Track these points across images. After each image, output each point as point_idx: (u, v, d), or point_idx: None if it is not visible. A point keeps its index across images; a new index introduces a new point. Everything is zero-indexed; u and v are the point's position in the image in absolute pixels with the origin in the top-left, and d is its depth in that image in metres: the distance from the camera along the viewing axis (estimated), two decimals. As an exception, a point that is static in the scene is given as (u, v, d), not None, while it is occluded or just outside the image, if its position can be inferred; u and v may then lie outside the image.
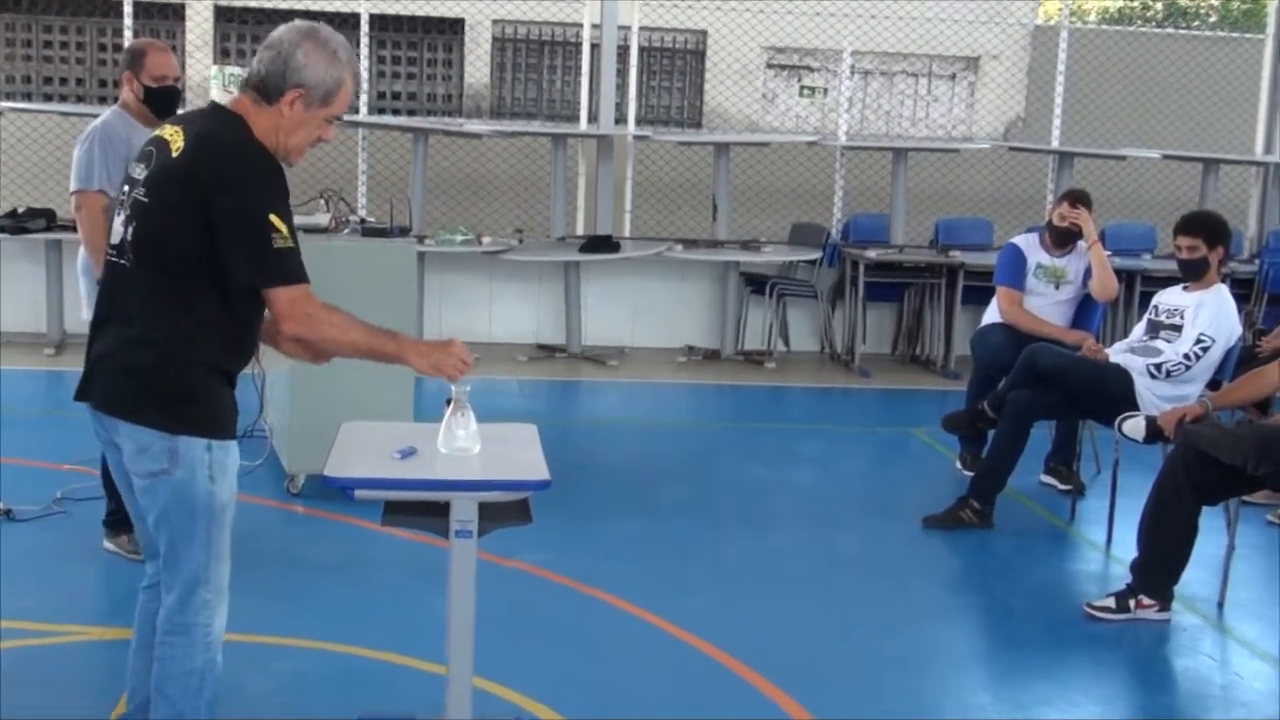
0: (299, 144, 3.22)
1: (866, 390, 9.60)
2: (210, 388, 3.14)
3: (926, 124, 16.37)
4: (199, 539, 3.16)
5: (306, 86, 3.15)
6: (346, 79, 3.19)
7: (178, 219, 3.06)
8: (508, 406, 8.32)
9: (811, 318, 10.75)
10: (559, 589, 5.16)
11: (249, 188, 3.05)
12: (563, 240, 10.46)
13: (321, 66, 3.16)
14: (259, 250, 3.04)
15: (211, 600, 3.22)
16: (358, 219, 6.56)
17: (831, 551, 5.83)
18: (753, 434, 8.16)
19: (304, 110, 3.17)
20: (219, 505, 3.17)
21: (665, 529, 6.01)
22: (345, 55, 3.21)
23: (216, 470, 3.14)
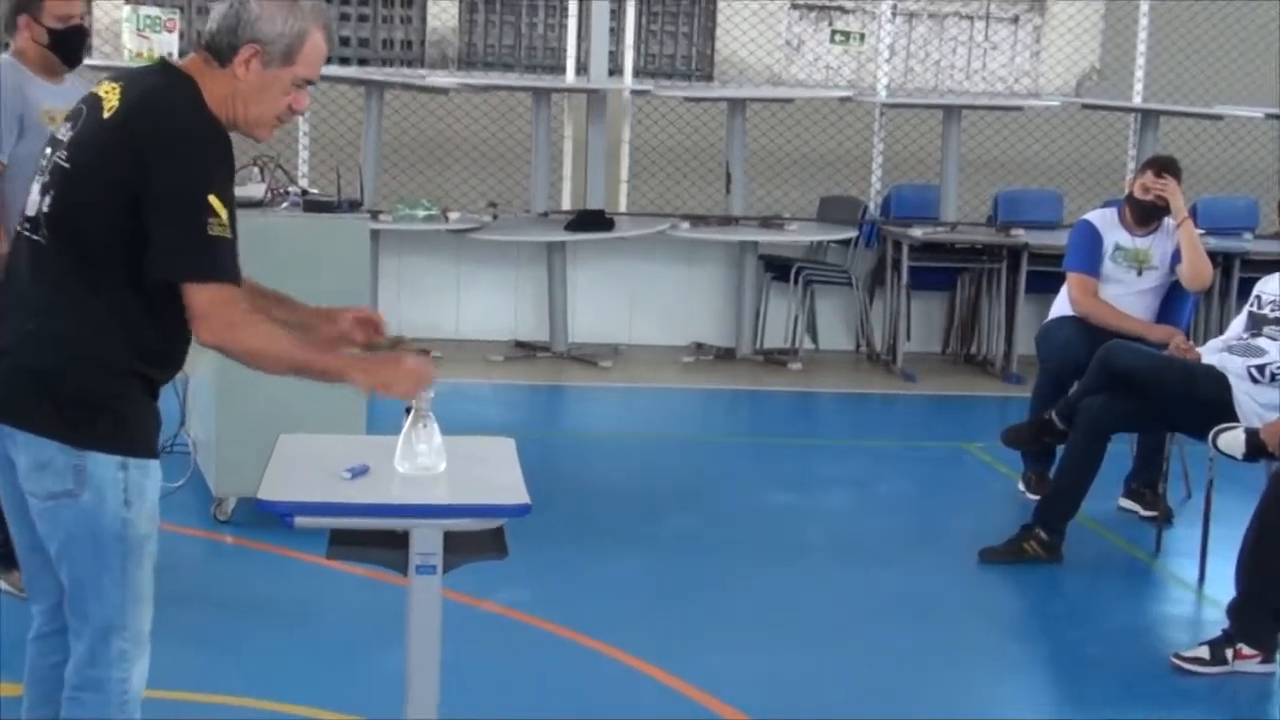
0: (263, 115, 3.22)
1: (911, 397, 9.60)
2: (127, 395, 3.13)
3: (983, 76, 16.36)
4: (112, 577, 3.16)
5: (262, 41, 3.15)
6: (312, 30, 3.19)
7: (102, 191, 3.07)
8: (479, 416, 8.31)
9: (845, 309, 10.74)
10: (541, 636, 5.16)
11: (189, 159, 3.06)
12: (545, 216, 10.45)
13: (279, 17, 3.16)
14: (189, 234, 3.04)
15: (129, 650, 3.23)
16: (298, 190, 6.56)
17: (869, 592, 5.83)
18: (774, 450, 8.16)
19: (262, 70, 3.17)
20: (136, 536, 3.17)
21: (669, 565, 6.01)
22: (310, 4, 3.20)
23: (133, 494, 3.14)
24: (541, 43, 16.16)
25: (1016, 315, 10.00)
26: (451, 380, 9.11)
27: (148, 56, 9.55)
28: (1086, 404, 6.21)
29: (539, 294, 10.45)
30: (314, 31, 3.20)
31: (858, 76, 12.91)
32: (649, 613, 5.46)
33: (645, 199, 11.31)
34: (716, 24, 14.70)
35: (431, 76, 11.20)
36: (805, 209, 11.26)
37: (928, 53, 15.47)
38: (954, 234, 10.36)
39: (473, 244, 10.21)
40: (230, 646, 4.91)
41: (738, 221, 10.56)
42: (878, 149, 11.17)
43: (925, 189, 11.07)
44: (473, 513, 3.38)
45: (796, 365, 10.11)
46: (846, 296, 10.61)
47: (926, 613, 5.63)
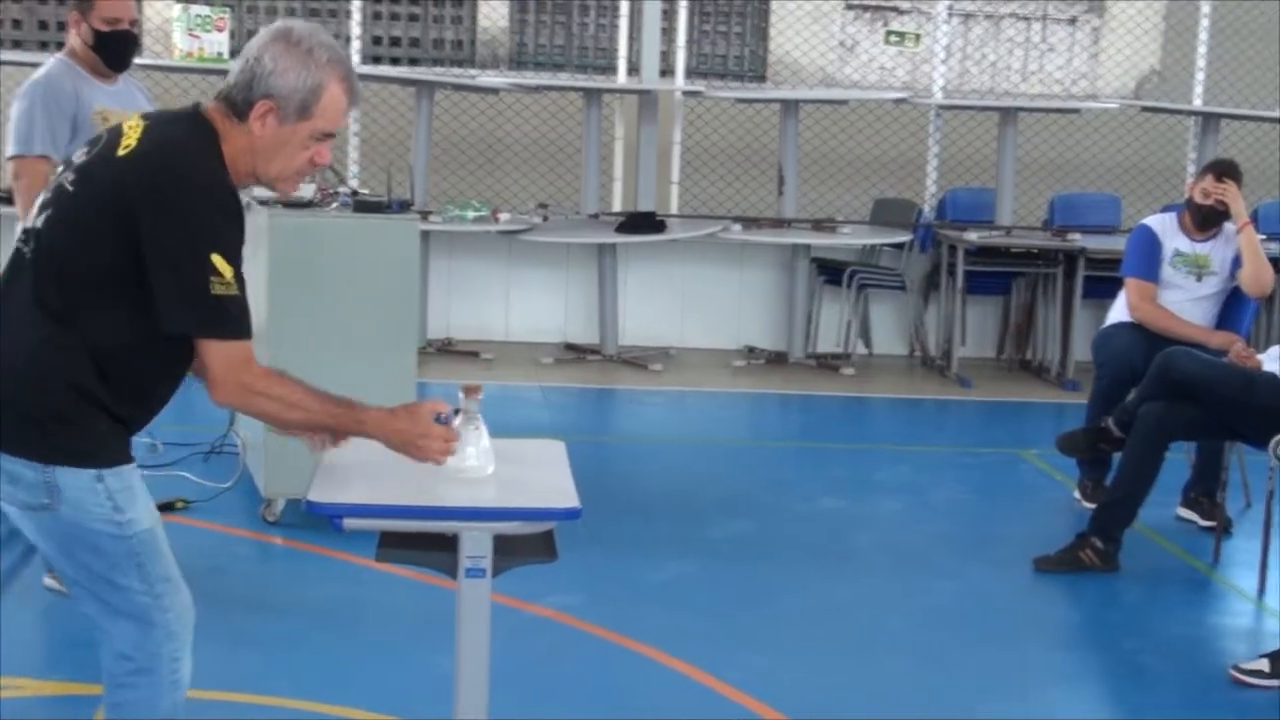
0: (283, 170, 3.22)
1: (965, 403, 9.57)
2: (85, 412, 3.10)
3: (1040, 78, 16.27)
4: (124, 571, 3.17)
5: (276, 97, 3.14)
6: (329, 83, 3.17)
7: (97, 224, 3.06)
8: (529, 419, 8.33)
9: (898, 314, 10.72)
10: (590, 640, 5.16)
11: (192, 217, 3.04)
12: (596, 218, 10.47)
13: (294, 71, 3.14)
14: (191, 292, 3.03)
15: (176, 629, 3.24)
16: (348, 191, 6.58)
17: (922, 601, 5.81)
18: (826, 455, 8.14)
19: (279, 126, 3.16)
20: (141, 533, 3.16)
21: (719, 570, 6.01)
22: (326, 55, 3.18)
23: (121, 499, 3.13)
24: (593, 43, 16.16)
25: (1073, 321, 9.97)
26: (501, 382, 9.14)
27: (199, 56, 9.63)
28: (1144, 411, 6.17)
29: (589, 296, 10.46)
30: (331, 84, 3.17)
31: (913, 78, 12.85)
32: (699, 618, 5.45)
33: (696, 200, 11.30)
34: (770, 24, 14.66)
35: (482, 76, 11.22)
36: (859, 212, 11.24)
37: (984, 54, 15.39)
38: (1009, 238, 10.33)
39: (523, 245, 10.23)
40: (278, 648, 4.93)
41: (790, 224, 10.55)
42: (933, 151, 11.14)
43: (980, 192, 11.03)
44: (522, 516, 3.37)
45: (849, 370, 10.09)
46: (900, 301, 10.58)
47: (980, 621, 5.60)
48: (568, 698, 4.67)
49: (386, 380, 6.03)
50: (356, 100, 3.26)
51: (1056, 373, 10.05)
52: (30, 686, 4.55)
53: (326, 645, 4.98)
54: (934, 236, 10.44)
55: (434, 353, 9.92)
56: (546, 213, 10.51)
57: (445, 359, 9.90)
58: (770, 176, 11.01)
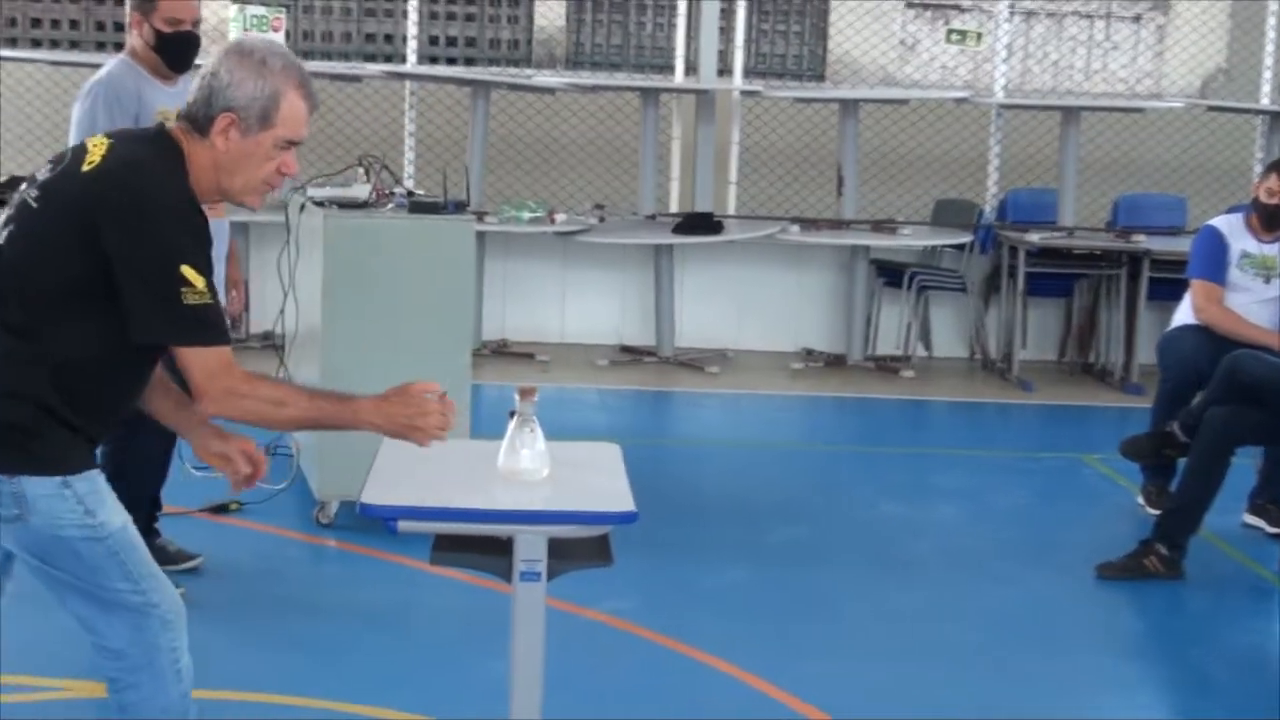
0: (249, 182, 3.25)
1: (1027, 407, 9.52)
2: (46, 424, 3.12)
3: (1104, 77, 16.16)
4: (111, 575, 3.20)
5: (236, 108, 3.18)
6: (286, 90, 3.21)
7: (60, 240, 3.10)
8: (584, 421, 8.34)
9: (959, 316, 10.67)
10: (646, 646, 5.16)
11: (156, 233, 3.07)
12: (653, 219, 10.46)
13: (250, 81, 3.19)
14: (164, 303, 3.07)
15: (171, 618, 3.26)
16: (404, 191, 6.60)
17: (982, 608, 5.78)
18: (885, 460, 8.11)
19: (242, 138, 3.20)
20: (114, 532, 3.19)
21: (775, 576, 5.99)
22: (280, 63, 3.22)
23: (91, 502, 3.16)
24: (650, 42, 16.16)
25: (1137, 323, 9.90)
26: (556, 384, 9.15)
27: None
28: (1210, 415, 6.11)
29: (645, 298, 10.46)
30: (288, 91, 3.21)
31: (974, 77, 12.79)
32: (754, 624, 5.44)
33: (754, 201, 11.28)
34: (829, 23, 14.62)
35: (538, 76, 11.24)
36: (919, 212, 11.19)
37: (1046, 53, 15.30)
38: (1072, 239, 10.26)
39: (579, 246, 10.24)
40: (330, 651, 4.95)
41: (849, 225, 10.51)
42: (994, 151, 11.08)
43: (1043, 193, 10.97)
44: (578, 519, 3.37)
45: (909, 373, 10.05)
46: (961, 303, 10.54)
47: (1041, 629, 5.57)
48: (621, 703, 4.66)
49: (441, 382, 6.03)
50: (315, 106, 3.29)
51: (1120, 376, 9.98)
52: (79, 688, 4.57)
53: (379, 648, 4.99)
54: (995, 237, 10.39)
55: (489, 355, 9.94)
56: (603, 213, 10.51)
57: (500, 361, 9.92)
58: (829, 177, 10.98)
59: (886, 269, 10.49)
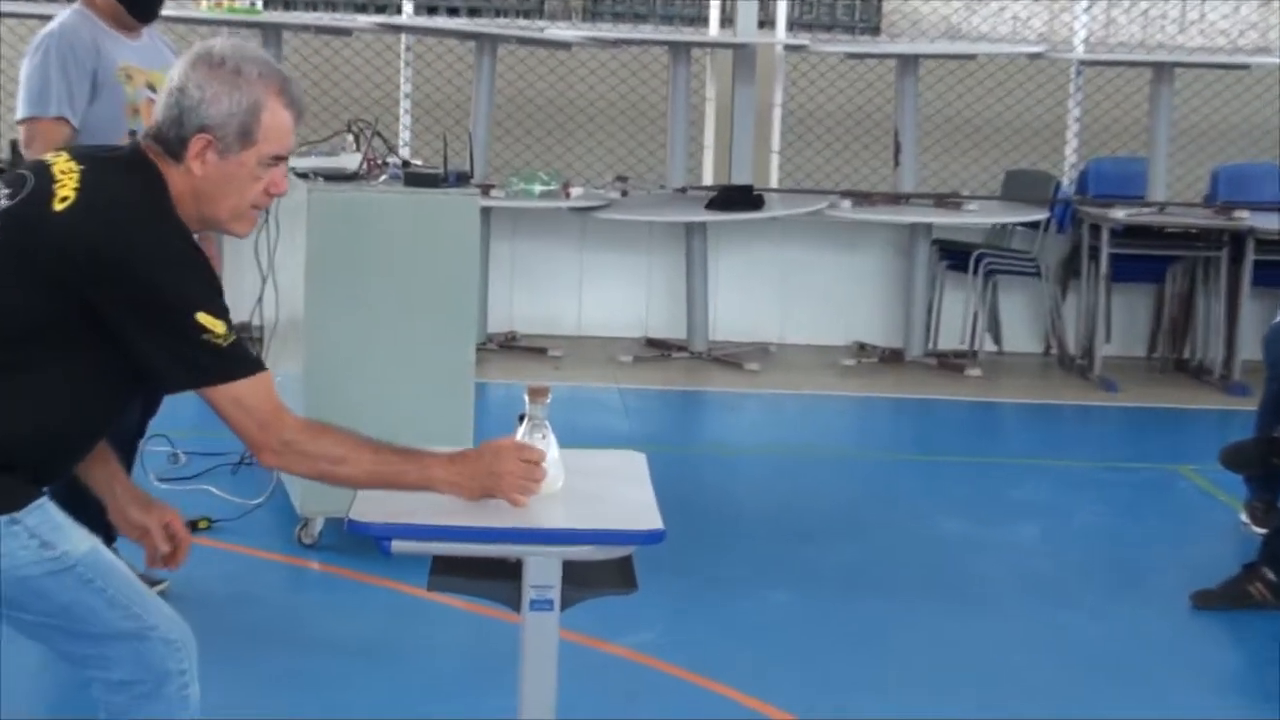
0: (236, 207, 3.26)
1: (1111, 409, 9.50)
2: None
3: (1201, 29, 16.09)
4: (90, 603, 3.21)
5: (212, 127, 3.19)
6: (266, 99, 3.22)
7: (28, 286, 3.10)
8: (605, 426, 8.35)
9: (1033, 305, 10.65)
10: (673, 684, 5.16)
11: (160, 284, 3.09)
12: (683, 193, 10.46)
13: (224, 95, 3.19)
14: (185, 357, 3.12)
15: (174, 637, 3.27)
16: (398, 161, 6.61)
17: (1060, 642, 5.77)
18: (948, 470, 8.11)
19: (221, 160, 3.21)
20: (78, 557, 3.20)
21: (823, 604, 5.99)
22: (255, 70, 3.22)
23: (46, 532, 3.17)
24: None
25: (1239, 313, 9.88)
26: (572, 384, 9.15)
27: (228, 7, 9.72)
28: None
29: (675, 284, 10.46)
30: (268, 101, 3.21)
31: (1051, 29, 12.75)
32: (798, 658, 5.44)
33: (800, 173, 11.28)
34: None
35: (552, 29, 11.23)
36: (987, 185, 11.17)
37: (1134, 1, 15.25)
38: (1164, 216, 10.24)
39: (598, 224, 10.24)
40: (315, 689, 4.96)
41: (908, 200, 10.50)
42: (1073, 115, 11.06)
43: (1130, 162, 10.94)
44: (596, 539, 3.37)
45: (975, 370, 10.04)
46: (1035, 289, 10.51)
47: (1127, 666, 5.56)
48: (647, 749, 4.67)
49: (440, 381, 6.07)
50: (301, 113, 3.29)
51: (1220, 374, 9.95)
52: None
53: (369, 686, 5.00)
54: (1074, 214, 10.36)
55: (495, 349, 9.95)
56: (625, 187, 10.51)
57: (508, 356, 9.93)
58: (885, 145, 10.97)
59: (950, 251, 10.47)
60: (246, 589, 5.77)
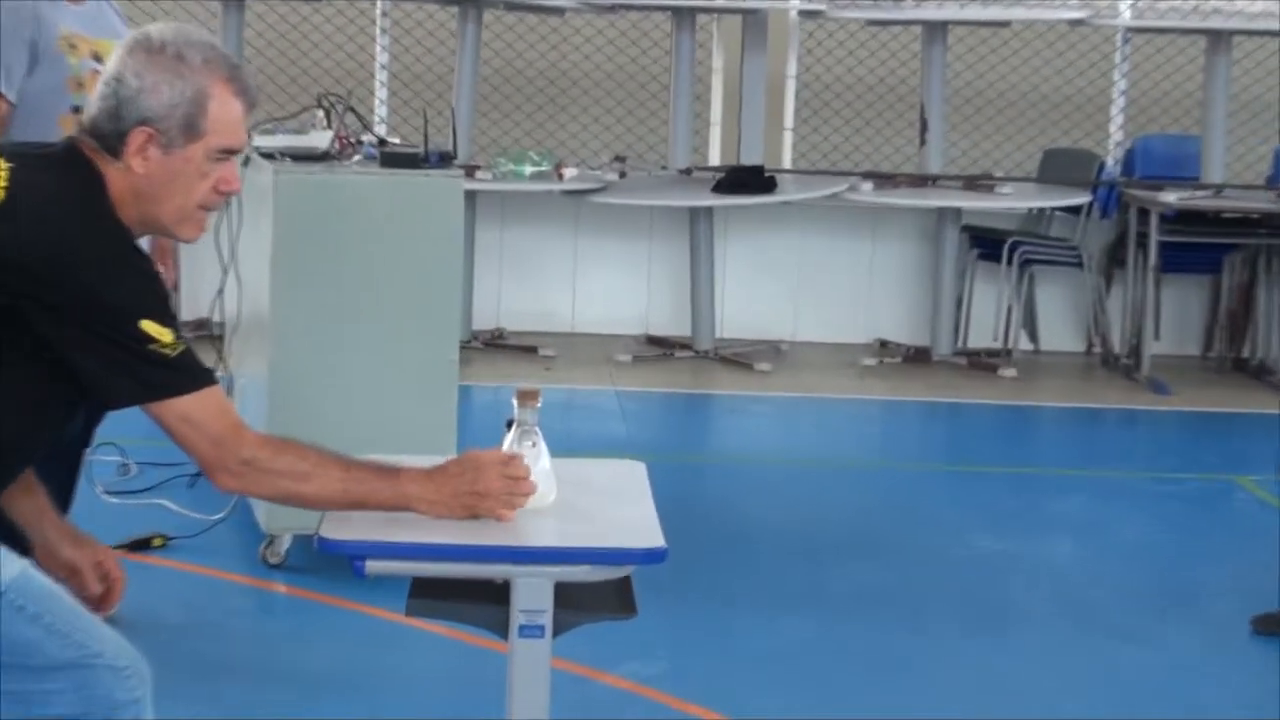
0: (183, 208, 3.26)
1: (1162, 414, 9.50)
2: None
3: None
4: (24, 634, 3.20)
5: (152, 119, 3.18)
6: (213, 86, 3.21)
7: None
8: (601, 433, 8.35)
9: (1074, 298, 10.65)
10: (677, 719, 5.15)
11: (104, 291, 3.09)
12: (688, 174, 10.46)
13: (165, 84, 3.18)
14: (128, 367, 3.11)
15: (121, 664, 3.27)
16: (374, 139, 6.61)
17: (1105, 674, 5.77)
18: (981, 482, 8.12)
19: (165, 156, 3.20)
20: (11, 583, 3.19)
21: (842, 631, 5.99)
22: (200, 55, 3.21)
23: None
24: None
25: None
26: (565, 386, 9.15)
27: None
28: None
29: (678, 275, 10.46)
30: (215, 88, 3.21)
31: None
32: (814, 692, 5.44)
33: (816, 153, 11.28)
34: (911, -74, 14.60)
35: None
36: (1023, 166, 11.18)
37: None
38: (1220, 199, 10.22)
39: (594, 209, 10.24)
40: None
41: (935, 182, 10.50)
42: (1119, 87, 11.06)
43: (1182, 140, 10.95)
44: (592, 558, 3.37)
45: (1010, 371, 10.04)
46: (1076, 281, 10.52)
47: (1181, 700, 5.56)
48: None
49: (420, 384, 6.07)
50: (253, 102, 3.29)
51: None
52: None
53: None
54: (1120, 198, 10.36)
55: (481, 347, 9.96)
56: (624, 168, 10.51)
57: (495, 355, 9.94)
58: (910, 121, 10.97)
59: (982, 238, 10.47)
60: (206, 615, 5.76)
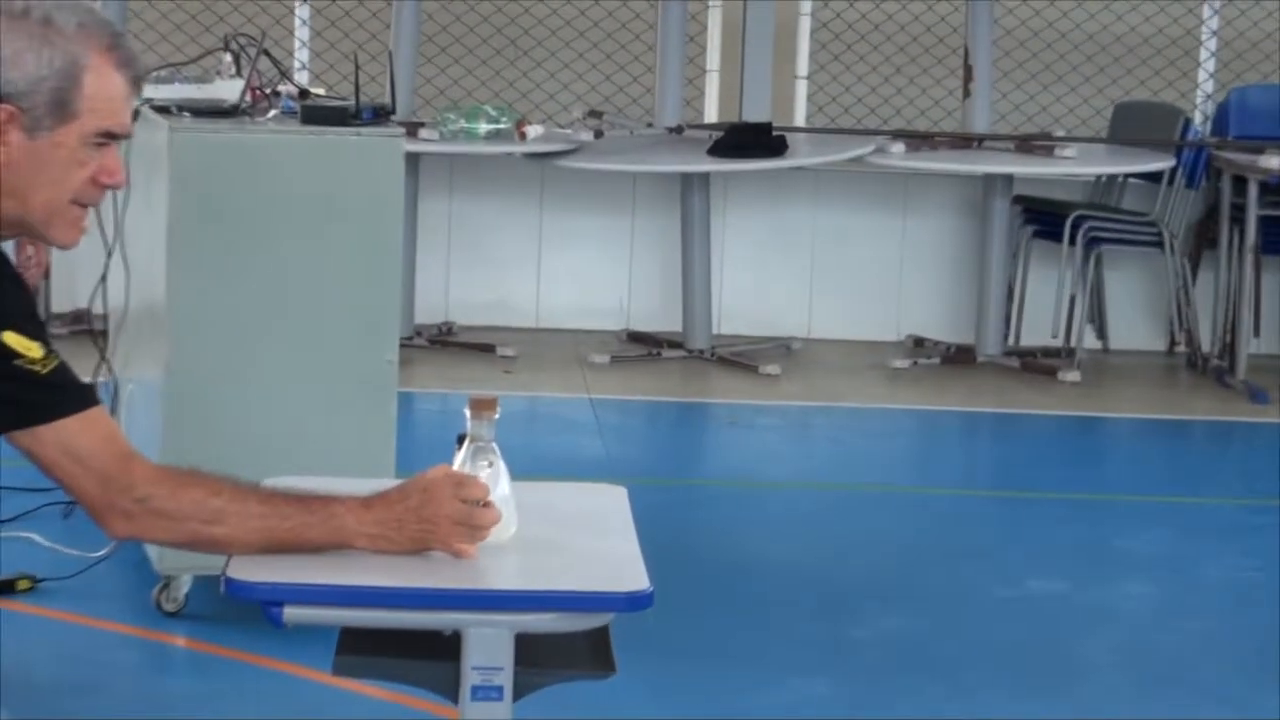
0: (53, 203, 3.28)
1: (1261, 427, 9.53)
2: None
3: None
4: None
5: (14, 96, 3.19)
6: (90, 58, 3.22)
7: None
8: (572, 450, 8.37)
9: (1151, 286, 10.68)
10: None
11: None
12: (678, 133, 10.46)
13: (29, 53, 3.19)
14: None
15: None
16: (294, 90, 6.62)
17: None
18: (1036, 510, 8.14)
19: (30, 140, 3.21)
20: None
21: (868, 691, 6.01)
22: (76, 20, 3.23)
23: None
24: None
25: None
26: (529, 393, 9.16)
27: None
28: None
29: (667, 258, 10.47)
30: (92, 59, 3.22)
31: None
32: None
33: (835, 107, 11.30)
34: None
35: (500, -87, 11.24)
36: (1090, 124, 11.19)
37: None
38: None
39: (564, 176, 10.25)
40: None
41: (981, 143, 10.51)
42: (1210, 26, 11.07)
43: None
44: (560, 604, 3.38)
45: (1073, 375, 10.06)
46: (1155, 265, 10.54)
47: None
48: None
49: (352, 390, 6.07)
50: (138, 76, 3.31)
51: None
52: None
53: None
54: (1210, 163, 10.37)
55: (426, 346, 9.97)
56: (600, 125, 10.51)
57: (444, 355, 9.95)
58: (951, 69, 10.98)
59: (1039, 212, 10.50)
60: (85, 674, 5.75)
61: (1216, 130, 10.78)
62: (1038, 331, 10.50)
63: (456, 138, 9.87)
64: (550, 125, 10.39)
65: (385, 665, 3.50)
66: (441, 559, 3.37)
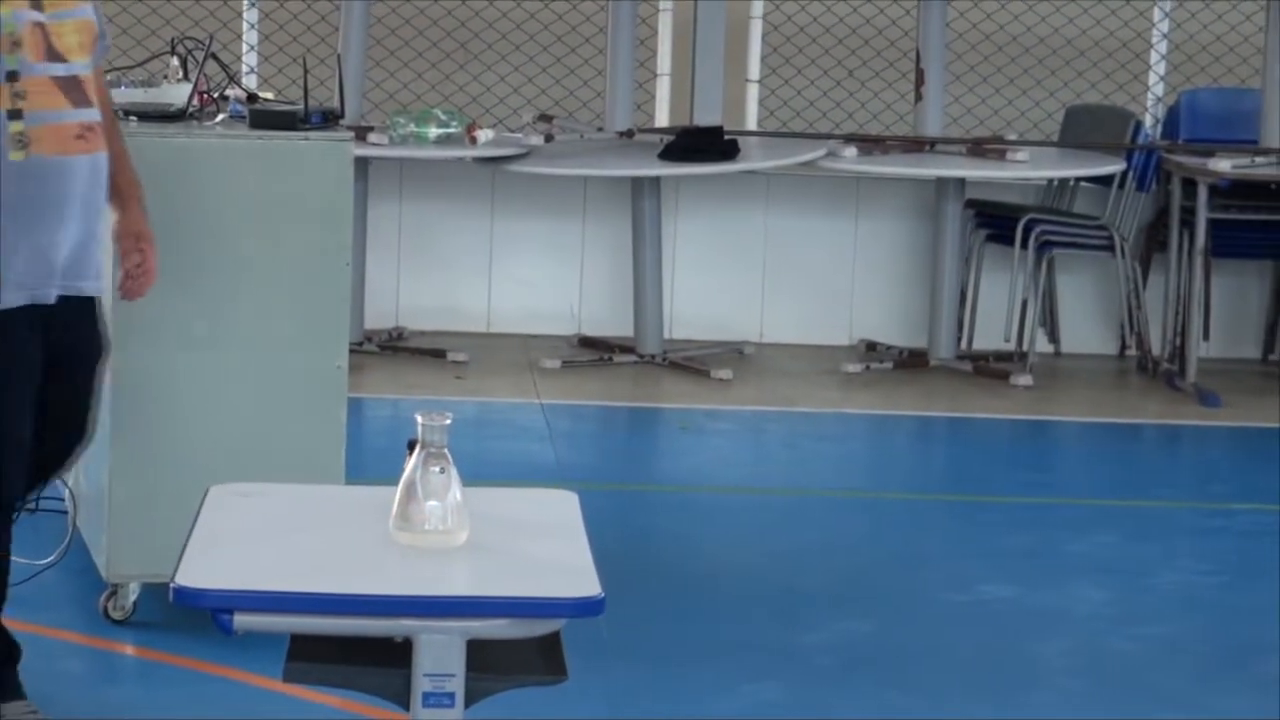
0: None
1: (1210, 431, 9.55)
2: None
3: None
4: None
5: None
6: None
7: None
8: (523, 456, 8.36)
9: (1103, 289, 10.69)
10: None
11: None
12: (629, 137, 10.46)
13: None
14: None
15: None
16: (241, 94, 6.61)
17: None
18: (989, 515, 8.15)
19: None
20: None
21: (821, 696, 6.01)
22: None
23: None
24: None
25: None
26: (480, 398, 9.15)
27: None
28: None
29: (618, 262, 10.46)
30: None
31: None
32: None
33: (787, 110, 11.30)
34: None
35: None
36: (1042, 127, 11.20)
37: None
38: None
39: (514, 181, 10.24)
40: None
41: (933, 146, 10.51)
42: (1161, 30, 11.09)
43: (1236, 95, 11.00)
44: (512, 609, 3.38)
45: (1025, 378, 10.07)
46: (1106, 269, 10.55)
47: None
48: None
49: (300, 396, 6.06)
50: None
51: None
52: None
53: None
54: (1161, 166, 10.39)
55: (376, 351, 9.95)
56: (551, 129, 10.51)
57: (394, 361, 9.93)
58: (902, 73, 11.00)
59: (991, 216, 10.51)
60: (33, 683, 5.69)
61: (1167, 133, 10.80)
62: (990, 335, 10.51)
63: (406, 142, 9.86)
64: (501, 129, 10.39)
65: (336, 672, 3.50)
66: (390, 565, 3.38)
